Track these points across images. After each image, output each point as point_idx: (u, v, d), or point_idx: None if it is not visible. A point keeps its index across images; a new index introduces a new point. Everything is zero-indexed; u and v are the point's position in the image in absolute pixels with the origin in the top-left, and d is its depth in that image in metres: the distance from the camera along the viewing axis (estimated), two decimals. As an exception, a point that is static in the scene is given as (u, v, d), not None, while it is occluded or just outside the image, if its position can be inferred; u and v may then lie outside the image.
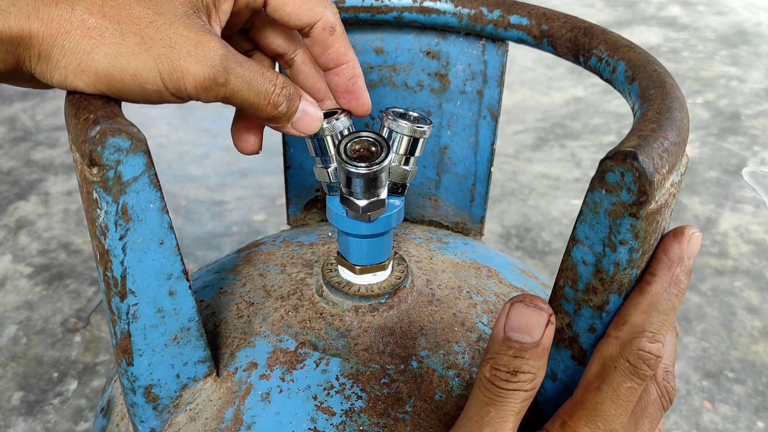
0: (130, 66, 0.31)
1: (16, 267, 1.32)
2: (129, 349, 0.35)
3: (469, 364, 0.41)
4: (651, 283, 0.30)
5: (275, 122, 0.36)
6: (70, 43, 0.31)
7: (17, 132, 1.77)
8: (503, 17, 0.46)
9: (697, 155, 1.71)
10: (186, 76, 0.32)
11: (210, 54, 0.32)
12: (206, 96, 0.33)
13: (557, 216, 1.49)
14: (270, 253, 0.49)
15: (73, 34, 0.31)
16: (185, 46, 0.32)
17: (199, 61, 0.32)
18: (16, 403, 1.06)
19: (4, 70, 0.31)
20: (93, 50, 0.31)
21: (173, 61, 0.31)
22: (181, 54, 0.31)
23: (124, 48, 0.31)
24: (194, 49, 0.32)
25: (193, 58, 0.31)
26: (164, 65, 0.31)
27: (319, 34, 0.37)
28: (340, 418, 0.37)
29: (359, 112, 0.40)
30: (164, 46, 0.31)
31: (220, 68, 0.32)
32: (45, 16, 0.30)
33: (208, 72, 0.32)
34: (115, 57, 0.31)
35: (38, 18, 0.30)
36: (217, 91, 0.33)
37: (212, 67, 0.32)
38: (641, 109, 0.33)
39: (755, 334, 1.21)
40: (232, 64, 0.33)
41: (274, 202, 1.51)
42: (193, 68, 0.32)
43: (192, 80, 0.32)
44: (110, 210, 0.31)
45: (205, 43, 0.32)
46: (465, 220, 0.57)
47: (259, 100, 0.34)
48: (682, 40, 2.34)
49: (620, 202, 0.28)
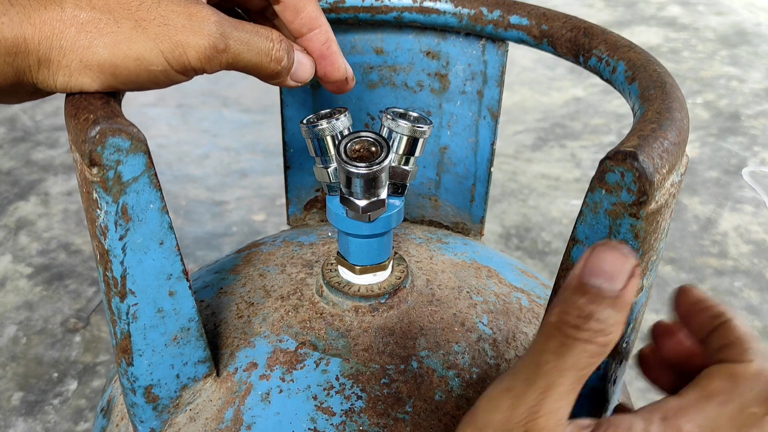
0: (131, 50, 0.31)
1: (16, 267, 1.32)
2: (129, 349, 0.35)
3: (469, 364, 0.41)
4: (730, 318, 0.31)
5: (278, 77, 0.36)
6: (68, 42, 0.31)
7: (17, 132, 1.77)
8: (503, 17, 0.46)
9: (697, 155, 1.71)
10: (187, 49, 0.32)
11: (204, 23, 0.32)
12: (211, 66, 0.33)
13: (557, 216, 1.49)
14: (270, 253, 0.49)
15: (68, 33, 0.30)
16: (179, 20, 0.32)
17: (196, 32, 0.32)
18: (16, 403, 1.06)
19: (5, 84, 0.31)
20: (92, 43, 0.31)
21: (171, 37, 0.31)
22: (177, 29, 0.31)
23: (122, 35, 0.31)
24: (188, 21, 0.32)
25: (189, 31, 0.32)
26: (164, 43, 0.31)
27: None
28: (340, 418, 0.37)
29: (336, 76, 0.39)
30: (159, 24, 0.31)
31: (217, 35, 0.32)
32: (36, 20, 0.30)
33: (207, 41, 0.32)
34: (114, 45, 0.31)
35: (30, 24, 0.30)
36: (220, 58, 0.33)
37: (210, 36, 0.32)
38: (641, 109, 0.33)
39: (755, 334, 1.21)
40: (228, 28, 0.33)
41: (274, 202, 1.51)
42: (192, 40, 0.32)
43: (194, 53, 0.32)
44: (110, 210, 0.31)
45: (197, 13, 0.32)
46: (465, 220, 0.57)
47: (261, 58, 0.34)
48: (682, 40, 2.34)
49: (620, 202, 0.28)
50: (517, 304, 0.46)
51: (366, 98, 0.53)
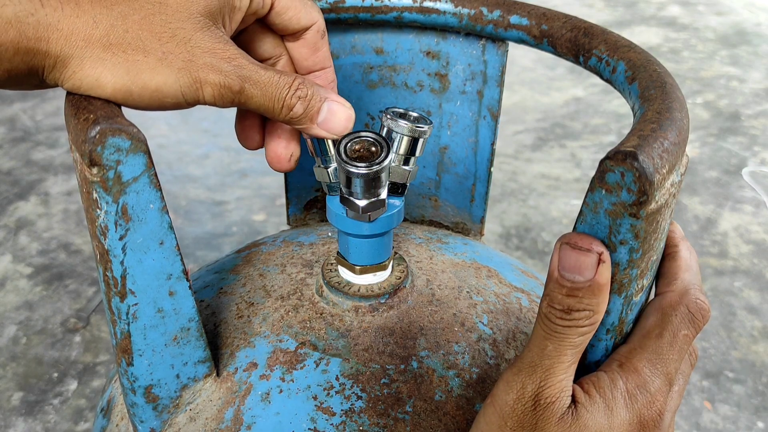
0: (152, 82, 0.32)
1: (16, 267, 1.32)
2: (129, 349, 0.35)
3: (469, 364, 0.41)
4: (678, 251, 0.34)
5: (298, 124, 0.37)
6: (90, 57, 0.31)
7: (17, 132, 1.77)
8: (503, 17, 0.46)
9: (697, 155, 1.71)
10: (204, 86, 0.33)
11: (226, 63, 0.33)
12: (222, 102, 0.34)
13: (557, 216, 1.49)
14: (270, 253, 0.49)
15: (93, 48, 0.31)
16: (204, 57, 0.32)
17: (216, 71, 0.33)
18: (16, 403, 1.06)
19: (15, 76, 0.31)
20: (115, 66, 0.31)
21: (192, 73, 0.32)
22: (199, 66, 0.32)
23: (146, 65, 0.31)
24: (212, 59, 0.33)
25: (210, 69, 0.32)
26: (184, 78, 0.32)
27: (313, 37, 0.39)
28: (340, 418, 0.37)
29: None
30: (184, 60, 0.32)
31: (234, 76, 0.33)
32: (65, 27, 0.30)
33: (223, 81, 0.33)
34: (137, 73, 0.31)
35: (58, 29, 0.30)
36: (232, 98, 0.34)
37: (227, 76, 0.33)
38: (641, 109, 0.33)
39: (755, 334, 1.21)
40: (248, 72, 0.33)
41: (274, 202, 1.51)
42: (211, 78, 0.33)
43: (209, 89, 0.33)
44: (110, 210, 0.31)
45: (222, 52, 0.33)
46: (465, 220, 0.57)
47: (273, 104, 0.35)
48: (682, 40, 2.34)
49: (620, 202, 0.28)
50: (517, 304, 0.46)
51: (366, 98, 0.53)
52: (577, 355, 0.31)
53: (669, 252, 0.35)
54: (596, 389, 0.31)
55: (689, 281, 0.34)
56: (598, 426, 0.31)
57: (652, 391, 0.31)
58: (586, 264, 0.29)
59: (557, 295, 0.30)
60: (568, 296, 0.30)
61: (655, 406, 0.31)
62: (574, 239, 0.30)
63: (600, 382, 0.32)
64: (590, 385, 0.32)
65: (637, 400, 0.31)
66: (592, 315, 0.30)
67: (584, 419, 0.30)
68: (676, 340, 0.32)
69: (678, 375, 0.33)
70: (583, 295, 0.29)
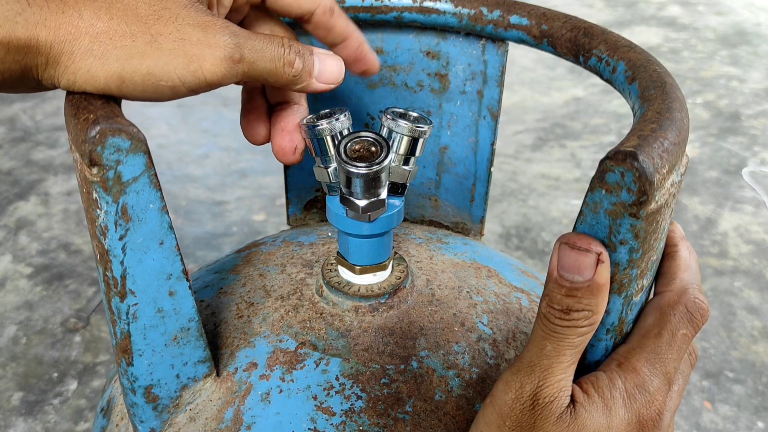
0: (142, 66, 0.31)
1: (16, 267, 1.32)
2: (129, 349, 0.35)
3: (469, 364, 0.41)
4: (677, 251, 0.34)
5: (299, 82, 0.36)
6: (80, 50, 0.31)
7: (17, 132, 1.77)
8: (503, 17, 0.46)
9: (697, 155, 1.71)
10: (203, 63, 0.32)
11: (219, 34, 0.32)
12: (227, 77, 0.33)
13: (557, 216, 1.49)
14: (270, 253, 0.49)
15: (81, 40, 0.31)
16: (194, 33, 0.32)
17: (211, 44, 0.32)
18: (16, 403, 1.06)
19: (9, 78, 0.31)
20: (104, 54, 0.31)
21: (186, 51, 0.32)
22: (192, 42, 0.32)
23: (135, 49, 0.31)
24: (203, 34, 0.32)
25: (205, 44, 0.32)
26: (179, 58, 0.32)
27: (320, 19, 0.39)
28: (340, 418, 0.37)
29: (373, 71, 0.42)
30: (174, 39, 0.32)
31: (231, 45, 0.32)
32: (52, 23, 0.30)
33: (222, 52, 0.32)
34: (127, 59, 0.31)
35: (45, 26, 0.30)
36: (236, 69, 0.33)
37: (225, 47, 0.32)
38: (641, 109, 0.33)
39: (755, 334, 1.21)
40: (242, 38, 0.33)
41: (274, 202, 1.51)
42: (207, 52, 0.32)
43: (209, 65, 0.32)
44: (110, 210, 0.31)
45: (212, 25, 0.32)
46: (465, 220, 0.57)
47: (275, 64, 0.34)
48: (682, 40, 2.34)
49: (620, 202, 0.28)
50: (517, 304, 0.46)
51: (366, 98, 0.53)
52: (576, 355, 0.31)
53: (668, 251, 0.35)
54: (595, 389, 0.31)
55: (688, 281, 0.34)
56: (596, 425, 0.31)
57: (651, 390, 0.31)
58: (585, 264, 0.29)
59: (556, 295, 0.30)
60: (567, 296, 0.30)
61: (654, 406, 0.31)
62: (573, 239, 0.30)
63: (599, 381, 0.32)
64: (589, 384, 0.32)
65: (635, 399, 0.31)
66: (591, 315, 0.30)
67: (583, 419, 0.31)
68: (674, 340, 0.32)
69: (677, 374, 0.33)
70: (582, 295, 0.30)
